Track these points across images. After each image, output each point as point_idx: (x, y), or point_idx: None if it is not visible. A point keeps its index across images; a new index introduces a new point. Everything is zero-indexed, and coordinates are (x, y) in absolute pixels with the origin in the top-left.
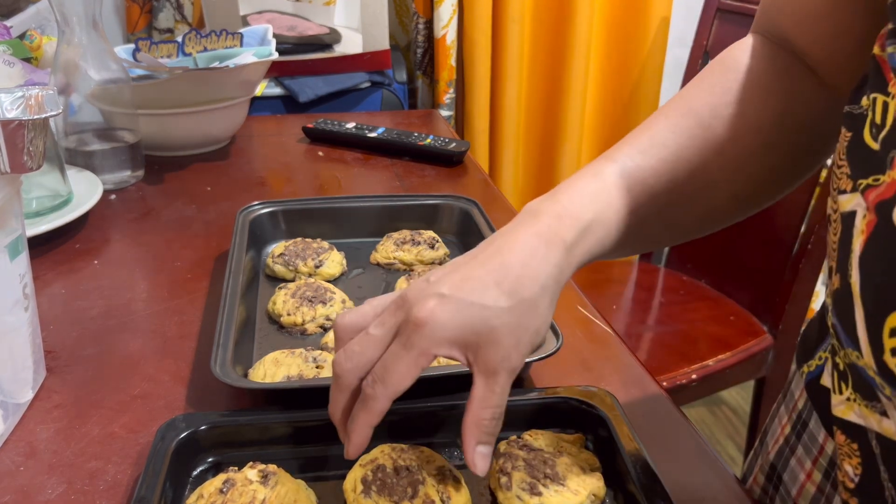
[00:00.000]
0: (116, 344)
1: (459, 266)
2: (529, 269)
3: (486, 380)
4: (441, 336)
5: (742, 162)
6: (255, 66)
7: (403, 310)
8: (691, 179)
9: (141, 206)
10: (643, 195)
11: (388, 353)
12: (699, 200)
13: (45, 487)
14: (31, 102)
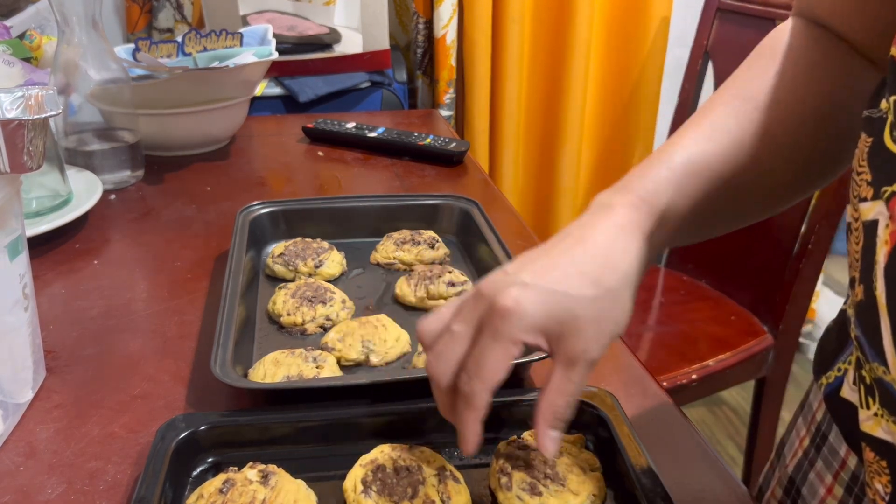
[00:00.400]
0: (116, 344)
1: (538, 256)
2: (612, 258)
3: (564, 369)
4: (528, 323)
5: (794, 146)
6: (254, 66)
7: (484, 302)
8: (753, 165)
9: (141, 206)
10: (712, 181)
11: (477, 347)
12: (760, 186)
13: (44, 487)
14: (30, 102)
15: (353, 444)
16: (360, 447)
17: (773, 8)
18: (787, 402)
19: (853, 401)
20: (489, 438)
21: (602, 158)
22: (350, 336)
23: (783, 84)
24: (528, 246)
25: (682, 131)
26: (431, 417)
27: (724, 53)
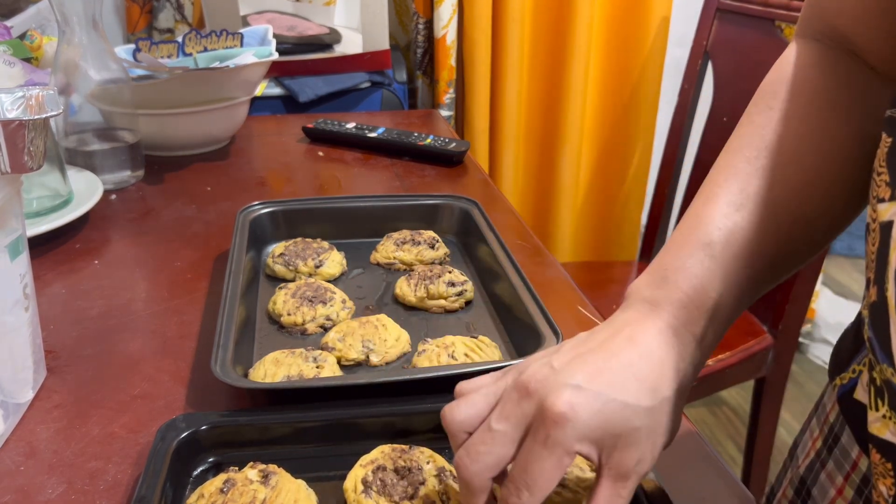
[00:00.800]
0: (117, 344)
1: (587, 353)
2: (667, 365)
3: (614, 482)
4: (583, 433)
5: (831, 190)
6: (255, 67)
7: (532, 402)
8: (792, 224)
9: (141, 206)
10: (752, 256)
11: (526, 454)
12: (802, 241)
13: (45, 487)
14: (31, 102)
15: (354, 445)
16: (361, 447)
17: (773, 8)
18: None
19: (866, 402)
20: None
21: (602, 158)
22: (350, 336)
23: (807, 129)
24: (527, 246)
25: (712, 199)
26: (432, 418)
27: (723, 53)
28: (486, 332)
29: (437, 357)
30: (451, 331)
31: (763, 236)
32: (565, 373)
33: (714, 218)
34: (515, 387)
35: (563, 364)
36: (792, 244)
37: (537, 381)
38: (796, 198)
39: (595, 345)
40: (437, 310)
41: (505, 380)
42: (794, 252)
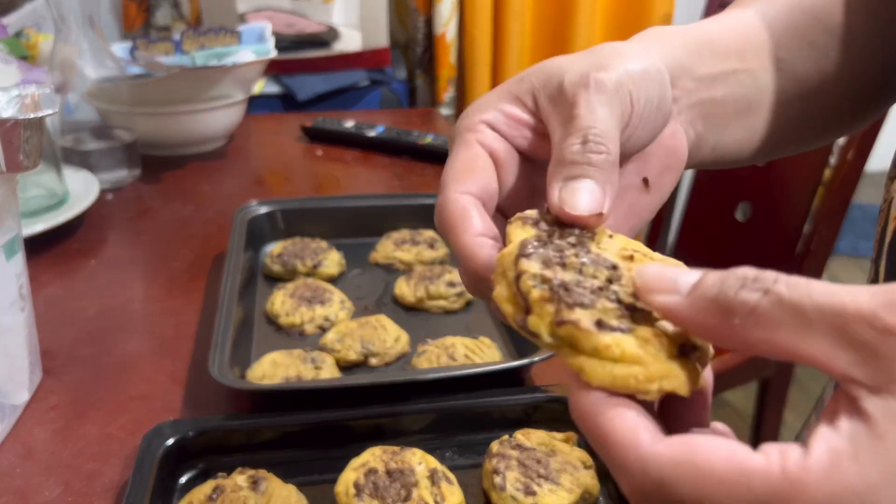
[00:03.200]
0: (113, 345)
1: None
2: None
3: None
4: None
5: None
6: (253, 64)
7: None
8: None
9: (138, 206)
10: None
11: None
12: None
13: (42, 489)
14: (27, 101)
15: (344, 447)
16: (351, 450)
17: None
18: (790, 403)
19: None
20: (481, 439)
21: None
22: (349, 337)
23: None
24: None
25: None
26: (423, 419)
27: None
28: (486, 332)
29: (436, 358)
30: (450, 331)
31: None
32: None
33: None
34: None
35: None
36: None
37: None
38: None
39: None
40: (436, 310)
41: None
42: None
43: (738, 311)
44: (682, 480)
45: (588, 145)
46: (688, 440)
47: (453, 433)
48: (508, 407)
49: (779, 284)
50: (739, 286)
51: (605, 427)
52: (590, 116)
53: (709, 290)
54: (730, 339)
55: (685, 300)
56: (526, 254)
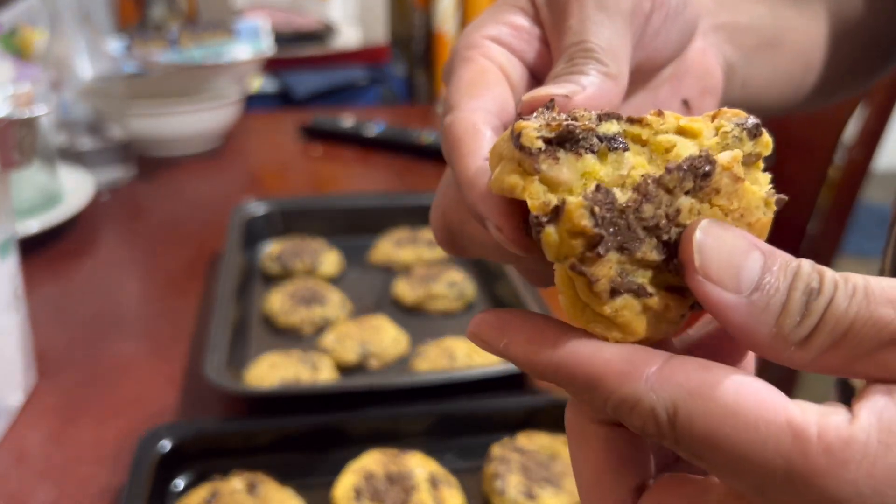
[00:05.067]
0: (109, 346)
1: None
2: None
3: None
4: None
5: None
6: (250, 61)
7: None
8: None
9: (133, 206)
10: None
11: None
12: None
13: (36, 493)
14: (21, 100)
15: (343, 451)
16: (350, 452)
17: None
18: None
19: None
20: (482, 442)
21: None
22: (347, 338)
23: None
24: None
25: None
26: (423, 421)
27: None
28: None
29: (436, 359)
30: (450, 332)
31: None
32: None
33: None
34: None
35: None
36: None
37: None
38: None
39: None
40: (436, 311)
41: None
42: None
43: (794, 340)
44: (700, 415)
45: (574, 62)
46: (707, 365)
47: (454, 436)
48: (510, 410)
49: (846, 307)
50: (803, 306)
51: (591, 363)
52: (580, 27)
53: (772, 303)
54: (782, 361)
55: (744, 302)
56: (525, 118)
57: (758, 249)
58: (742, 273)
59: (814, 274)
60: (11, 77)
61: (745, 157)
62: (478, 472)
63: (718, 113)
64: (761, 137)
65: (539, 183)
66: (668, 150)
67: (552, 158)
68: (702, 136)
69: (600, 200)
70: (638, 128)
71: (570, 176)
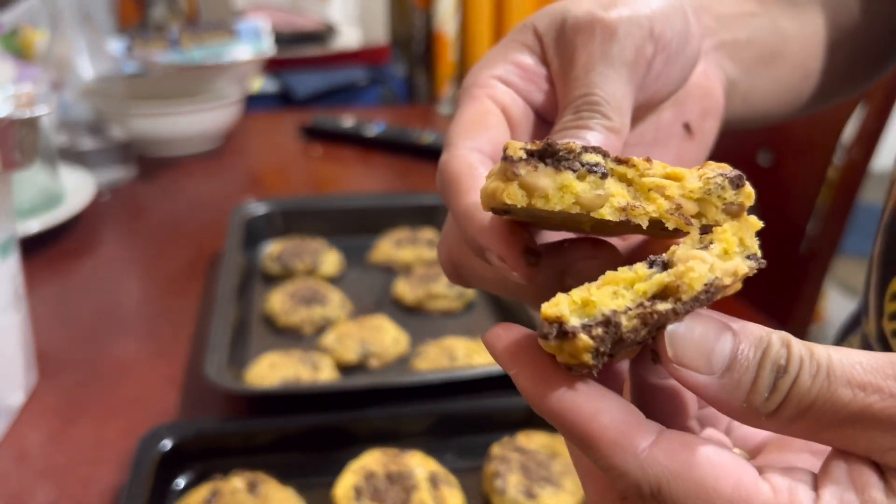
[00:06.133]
0: (109, 346)
1: None
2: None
3: None
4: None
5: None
6: (250, 62)
7: None
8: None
9: (134, 206)
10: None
11: None
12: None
13: (36, 493)
14: (22, 100)
15: (343, 450)
16: (350, 453)
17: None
18: None
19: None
20: (482, 441)
21: None
22: (348, 337)
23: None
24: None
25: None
26: (423, 421)
27: None
28: None
29: (436, 359)
30: (450, 332)
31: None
32: None
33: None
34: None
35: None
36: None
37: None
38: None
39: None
40: (436, 311)
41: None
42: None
43: (764, 412)
44: (681, 495)
45: (580, 115)
46: (690, 445)
47: (454, 435)
48: (509, 409)
49: (810, 385)
50: (771, 384)
51: (590, 426)
52: (586, 79)
53: (742, 382)
54: (754, 426)
55: (716, 382)
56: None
57: (729, 330)
58: (713, 356)
59: (782, 350)
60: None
61: (726, 206)
62: (478, 472)
63: (704, 164)
64: (744, 188)
65: (517, 187)
66: (651, 190)
67: (531, 166)
68: (685, 179)
69: (605, 338)
70: (624, 168)
71: (547, 185)
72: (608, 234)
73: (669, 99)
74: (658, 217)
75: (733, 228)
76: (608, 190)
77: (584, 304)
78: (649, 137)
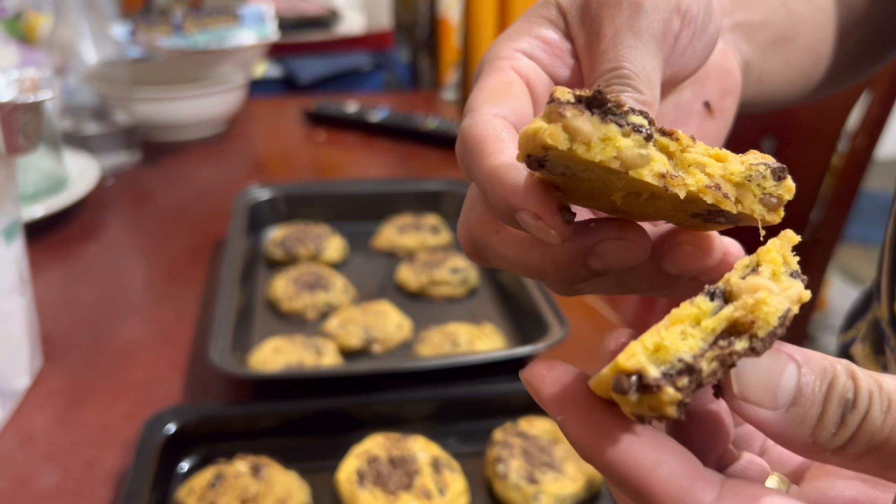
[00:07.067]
0: (114, 330)
1: None
2: None
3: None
4: None
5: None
6: (254, 47)
7: None
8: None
9: (138, 190)
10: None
11: None
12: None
13: (41, 476)
14: (26, 84)
15: (346, 434)
16: (353, 436)
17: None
18: None
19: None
20: (484, 426)
21: None
22: (351, 323)
23: None
24: None
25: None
26: (425, 406)
27: None
28: (489, 320)
29: (439, 345)
30: (453, 318)
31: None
32: None
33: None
34: None
35: None
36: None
37: None
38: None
39: None
40: (439, 297)
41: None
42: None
43: (830, 448)
44: None
45: (611, 90)
46: (756, 499)
47: (456, 420)
48: (512, 395)
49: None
50: (838, 418)
51: (649, 480)
52: (614, 52)
53: (808, 417)
54: (819, 461)
55: (781, 417)
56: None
57: (793, 362)
58: (778, 391)
59: (849, 383)
60: (16, 62)
61: (765, 197)
62: (480, 457)
63: (748, 152)
64: (785, 181)
65: (561, 129)
66: (692, 166)
67: (578, 111)
68: (728, 161)
69: (689, 387)
70: (668, 139)
71: (591, 132)
72: (637, 212)
73: (690, 77)
74: (696, 191)
75: (776, 246)
76: (650, 153)
77: (657, 349)
78: (670, 116)
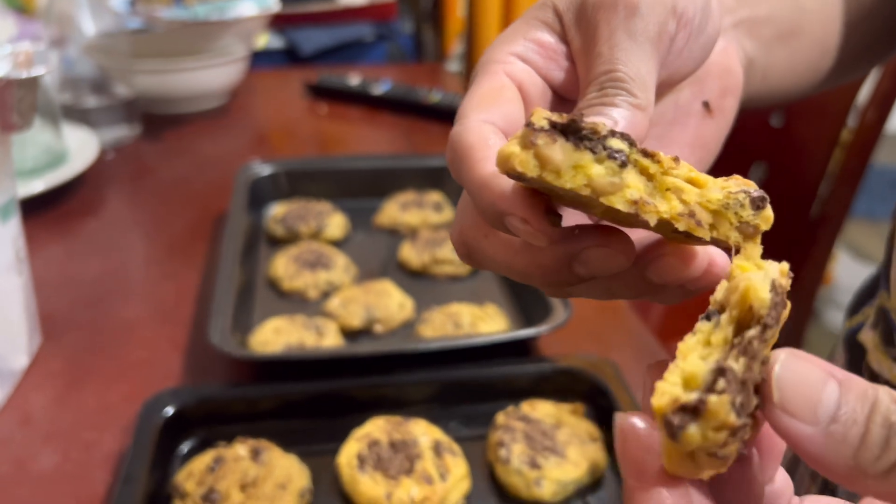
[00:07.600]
0: (113, 309)
1: None
2: None
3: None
4: None
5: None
6: (255, 18)
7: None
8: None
9: (138, 165)
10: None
11: None
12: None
13: (39, 457)
14: (20, 59)
15: (347, 417)
16: (354, 420)
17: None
18: None
19: (867, 344)
20: (487, 410)
21: None
22: (353, 303)
23: None
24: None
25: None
26: (427, 388)
27: None
28: (492, 299)
29: (441, 326)
30: (456, 298)
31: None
32: None
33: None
34: None
35: None
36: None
37: None
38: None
39: None
40: (442, 276)
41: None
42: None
43: (874, 472)
44: None
45: (605, 92)
46: None
47: (458, 403)
48: (514, 377)
49: None
50: (883, 440)
51: None
52: (609, 55)
53: (849, 436)
54: (857, 490)
55: (822, 434)
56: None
57: (833, 379)
58: (819, 406)
59: (892, 406)
60: (13, 34)
61: (741, 225)
62: (482, 440)
63: (731, 177)
64: (763, 211)
65: (532, 156)
66: (669, 190)
67: (550, 139)
68: (707, 187)
69: (732, 385)
70: (648, 161)
71: (561, 161)
72: (619, 223)
73: (689, 77)
74: (668, 218)
75: (745, 256)
76: (624, 179)
77: (686, 383)
78: (668, 116)
